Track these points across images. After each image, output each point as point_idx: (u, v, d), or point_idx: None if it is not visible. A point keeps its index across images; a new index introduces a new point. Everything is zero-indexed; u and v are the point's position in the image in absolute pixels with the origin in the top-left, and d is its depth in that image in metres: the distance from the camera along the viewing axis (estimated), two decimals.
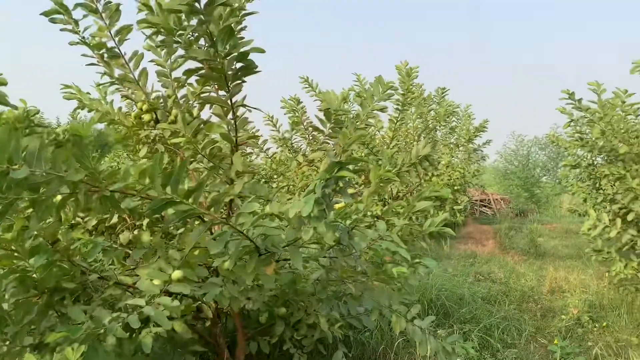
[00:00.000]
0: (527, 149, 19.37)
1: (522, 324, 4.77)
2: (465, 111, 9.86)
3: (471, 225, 14.97)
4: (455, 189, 9.05)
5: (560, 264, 8.19)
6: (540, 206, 18.39)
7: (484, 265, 7.74)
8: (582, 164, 5.84)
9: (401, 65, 5.45)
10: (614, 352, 4.05)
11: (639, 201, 4.80)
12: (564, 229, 13.07)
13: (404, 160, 4.02)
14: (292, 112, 6.01)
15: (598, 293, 5.64)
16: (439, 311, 4.65)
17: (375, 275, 2.51)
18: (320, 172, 1.97)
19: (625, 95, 5.06)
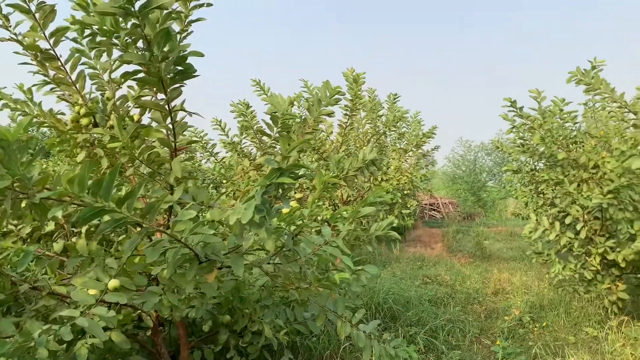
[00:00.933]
0: (474, 154, 19.95)
1: (466, 325, 4.88)
2: (414, 117, 10.06)
3: (421, 228, 15.26)
4: (405, 193, 9.20)
5: (505, 266, 8.45)
6: (486, 210, 18.98)
7: (432, 268, 7.90)
8: (524, 169, 6.05)
9: (348, 71, 5.49)
10: (552, 352, 4.20)
11: (576, 205, 5.02)
12: (508, 232, 13.51)
13: (351, 164, 4.05)
14: (242, 116, 5.94)
15: (539, 294, 5.84)
16: (386, 314, 4.70)
17: (317, 282, 2.50)
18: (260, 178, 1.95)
19: (562, 104, 5.29)
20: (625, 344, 4.15)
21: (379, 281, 5.43)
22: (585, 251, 5.11)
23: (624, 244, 4.84)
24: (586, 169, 5.29)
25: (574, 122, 5.47)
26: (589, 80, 4.82)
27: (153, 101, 2.08)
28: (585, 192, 5.00)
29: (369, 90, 8.50)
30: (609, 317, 4.91)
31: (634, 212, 4.68)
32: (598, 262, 5.01)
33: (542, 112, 5.29)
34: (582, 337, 4.65)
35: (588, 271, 5.04)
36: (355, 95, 5.53)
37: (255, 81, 5.88)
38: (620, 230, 4.75)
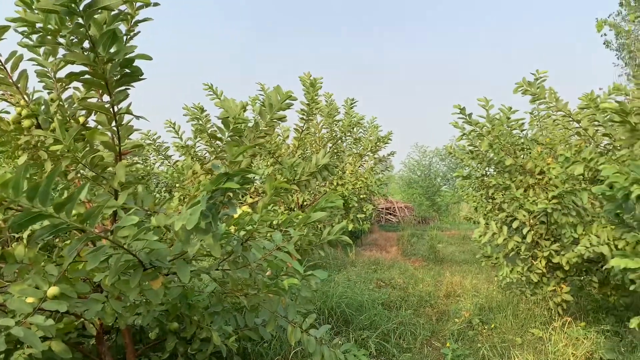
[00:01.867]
0: (429, 159, 20.35)
1: (418, 328, 4.96)
2: (371, 123, 10.19)
3: (377, 232, 15.43)
4: (361, 197, 9.30)
5: (457, 269, 8.64)
6: (440, 214, 19.38)
7: (387, 271, 7.99)
8: (473, 175, 6.21)
9: (305, 76, 5.52)
10: (499, 353, 4.32)
11: (523, 210, 5.19)
12: (461, 236, 13.82)
13: (304, 169, 4.06)
14: (196, 119, 5.87)
15: (488, 296, 6.00)
16: (339, 319, 4.72)
17: (266, 288, 2.49)
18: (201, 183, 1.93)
19: (509, 112, 5.46)
20: (568, 344, 4.31)
21: (333, 285, 5.45)
22: (531, 254, 5.28)
23: (568, 247, 5.03)
24: (532, 174, 5.48)
25: (521, 130, 5.66)
26: (534, 90, 5.01)
27: (97, 103, 2.03)
28: (531, 197, 5.17)
29: (326, 95, 8.55)
30: (554, 318, 5.09)
31: (577, 217, 4.87)
32: (544, 265, 5.19)
33: (491, 120, 5.45)
34: (528, 338, 4.79)
35: (534, 274, 5.21)
36: (312, 99, 5.56)
37: (208, 85, 5.82)
38: (564, 234, 4.93)
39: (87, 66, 1.93)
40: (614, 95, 5.32)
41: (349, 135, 8.17)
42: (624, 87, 5.22)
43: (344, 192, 7.96)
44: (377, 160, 10.36)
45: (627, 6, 17.71)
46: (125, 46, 1.91)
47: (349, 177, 8.30)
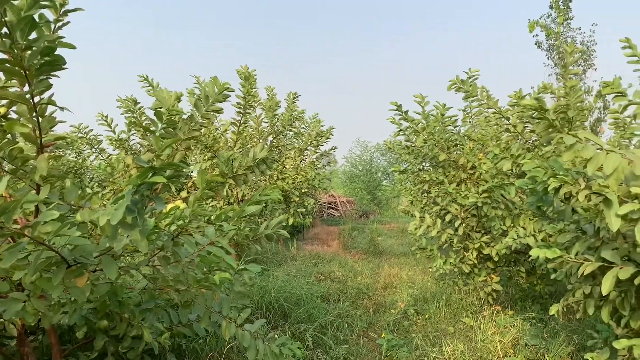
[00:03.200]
0: (370, 154, 20.69)
1: (355, 320, 5.05)
2: (313, 118, 10.23)
3: (319, 226, 15.54)
4: (303, 191, 9.33)
5: (395, 262, 8.85)
6: (381, 208, 19.76)
7: (327, 265, 8.07)
8: (409, 170, 6.37)
9: (241, 69, 5.47)
10: (431, 342, 4.47)
11: (455, 203, 5.37)
12: (400, 229, 14.14)
13: (241, 163, 4.03)
14: (130, 112, 5.70)
15: (423, 287, 6.19)
16: (277, 313, 4.74)
17: (197, 283, 2.46)
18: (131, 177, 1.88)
19: (444, 109, 5.63)
20: (496, 331, 4.51)
21: (272, 280, 5.46)
22: (463, 246, 5.49)
23: (497, 239, 5.26)
24: (465, 169, 5.69)
25: (454, 126, 5.85)
26: (467, 88, 5.19)
27: (15, 93, 1.93)
28: (463, 192, 5.36)
29: (268, 89, 8.51)
30: (484, 307, 5.31)
31: (506, 210, 5.10)
32: (475, 256, 5.40)
33: (426, 116, 5.61)
34: (460, 327, 4.98)
35: (466, 265, 5.42)
36: (248, 92, 5.51)
37: (143, 77, 5.66)
38: (493, 227, 5.15)
39: (5, 53, 1.84)
40: (542, 94, 5.60)
41: (290, 129, 8.17)
42: (550, 85, 5.50)
43: (284, 186, 7.96)
44: (319, 155, 10.44)
45: (557, 9, 18.59)
46: (46, 34, 1.84)
47: (289, 172, 8.30)
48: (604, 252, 2.33)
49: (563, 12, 18.45)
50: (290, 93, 8.85)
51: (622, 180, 2.24)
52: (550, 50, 18.71)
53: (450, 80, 5.15)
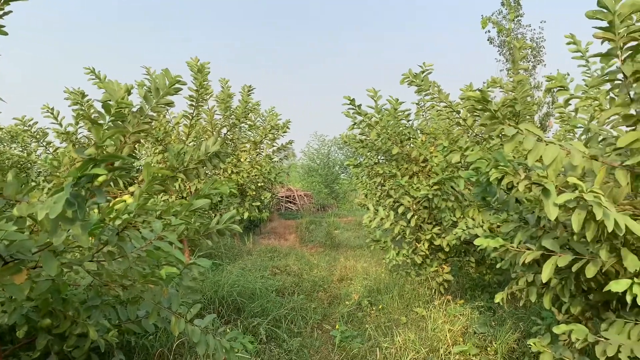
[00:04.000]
0: (328, 148, 20.76)
1: (309, 312, 5.07)
2: (270, 111, 10.17)
3: (276, 220, 15.49)
4: (259, 185, 9.27)
5: (351, 254, 8.93)
6: (338, 201, 19.88)
7: (283, 259, 8.05)
8: (364, 163, 6.42)
9: (192, 61, 5.36)
10: (383, 332, 4.53)
11: (407, 196, 5.45)
12: (357, 222, 14.26)
13: (192, 156, 3.96)
14: (77, 104, 5.51)
15: (377, 279, 6.26)
16: (230, 307, 4.69)
17: (143, 279, 2.41)
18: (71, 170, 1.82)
19: (397, 103, 5.70)
20: (446, 320, 4.61)
21: (226, 275, 5.40)
22: (415, 238, 5.58)
23: (448, 230, 5.37)
24: (417, 162, 5.78)
25: (407, 120, 5.93)
26: (419, 82, 5.25)
27: None
28: (415, 184, 5.45)
29: (222, 81, 8.39)
30: (435, 297, 5.42)
31: (456, 202, 5.21)
32: (426, 247, 5.50)
33: (379, 110, 5.66)
34: (412, 317, 5.06)
35: (418, 256, 5.52)
36: (200, 85, 5.42)
37: (90, 69, 5.47)
38: (444, 218, 5.26)
39: None
40: (492, 88, 5.74)
41: (244, 121, 8.09)
42: (499, 80, 5.64)
43: (238, 180, 7.88)
44: (277, 148, 10.39)
45: (508, 6, 19.06)
46: None
47: (244, 165, 8.22)
48: (545, 241, 2.41)
49: (514, 9, 18.95)
50: (245, 86, 8.75)
51: (561, 170, 2.32)
52: (501, 46, 19.19)
53: (403, 74, 5.21)
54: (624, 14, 1.93)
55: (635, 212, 2.15)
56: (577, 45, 3.59)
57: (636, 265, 2.05)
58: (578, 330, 2.29)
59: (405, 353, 3.94)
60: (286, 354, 4.07)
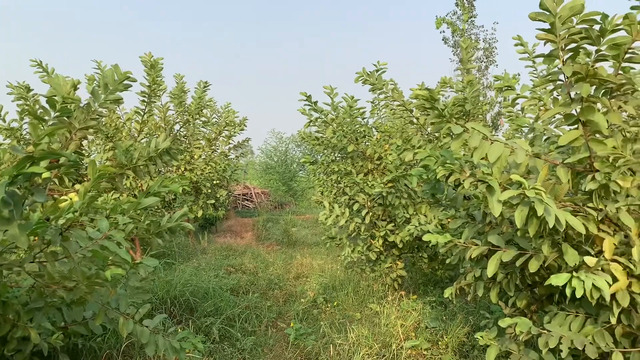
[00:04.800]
0: (286, 145, 20.71)
1: (264, 311, 5.04)
2: (225, 108, 10.05)
3: (233, 218, 15.33)
4: (215, 183, 9.15)
5: (308, 252, 8.93)
6: (296, 198, 19.87)
7: (238, 257, 7.98)
8: (320, 161, 6.43)
9: (145, 56, 5.24)
10: (337, 329, 4.55)
11: (362, 193, 5.50)
12: (314, 219, 14.28)
13: (141, 153, 3.86)
14: (22, 99, 5.29)
15: (332, 276, 6.28)
16: (183, 307, 4.61)
17: (87, 280, 2.33)
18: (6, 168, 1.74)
19: (352, 101, 5.73)
20: (399, 315, 4.68)
21: (178, 274, 5.30)
22: (370, 235, 5.63)
23: (401, 227, 5.45)
24: (372, 160, 5.83)
25: (363, 118, 5.97)
26: (373, 81, 5.29)
27: None
28: (370, 182, 5.50)
29: (177, 77, 8.24)
30: (389, 293, 5.49)
31: (409, 199, 5.29)
32: (381, 244, 5.57)
33: (335, 107, 5.67)
34: (367, 313, 5.11)
35: (373, 253, 5.58)
36: (154, 81, 5.30)
37: (36, 62, 5.26)
38: (398, 215, 5.33)
39: None
40: (443, 88, 5.85)
41: (198, 118, 7.97)
42: (450, 79, 5.75)
43: (192, 177, 7.76)
44: (233, 145, 10.28)
45: (462, 7, 19.46)
46: None
47: (198, 162, 8.10)
48: (491, 237, 2.48)
49: (468, 10, 19.36)
50: (201, 82, 8.63)
51: (506, 168, 2.38)
52: (455, 46, 19.57)
53: (357, 73, 5.23)
54: (564, 16, 2.00)
55: (575, 208, 2.23)
56: (524, 47, 3.69)
57: (576, 259, 2.13)
58: (522, 323, 2.36)
59: (358, 349, 3.97)
60: (239, 353, 4.04)
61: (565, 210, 2.10)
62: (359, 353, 3.88)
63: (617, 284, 2.08)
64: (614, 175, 2.06)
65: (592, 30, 2.00)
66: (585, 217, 2.14)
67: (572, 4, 1.97)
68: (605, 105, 2.10)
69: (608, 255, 2.10)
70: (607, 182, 2.07)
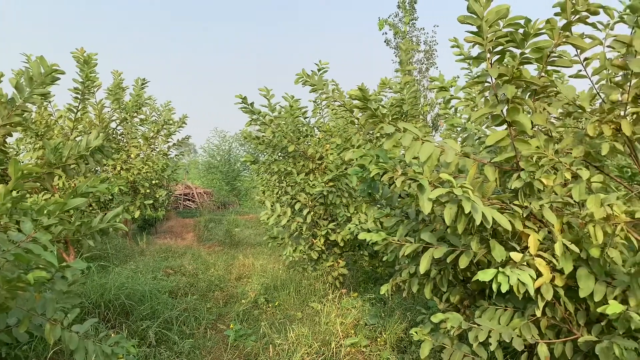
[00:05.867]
0: (229, 144, 20.43)
1: (203, 313, 4.94)
2: (165, 106, 9.79)
3: (174, 219, 14.98)
4: (154, 183, 8.91)
5: (251, 252, 8.85)
6: (240, 198, 19.66)
7: (178, 259, 7.81)
8: (261, 160, 6.39)
9: (78, 52, 5.03)
10: (277, 329, 4.53)
11: (304, 193, 5.50)
12: (258, 219, 14.11)
13: (71, 152, 3.71)
14: None
15: (274, 276, 6.25)
16: (118, 311, 4.46)
17: (7, 284, 2.20)
18: None
19: (293, 101, 5.72)
20: (339, 314, 4.71)
21: (113, 277, 5.12)
22: (312, 234, 5.66)
23: (342, 226, 5.50)
24: (313, 160, 5.85)
25: (304, 117, 5.97)
26: (313, 81, 5.30)
27: None
28: (312, 181, 5.52)
29: (115, 73, 7.97)
30: (331, 291, 5.52)
31: (350, 198, 5.35)
32: (322, 243, 5.60)
33: (273, 108, 5.65)
34: (308, 312, 5.11)
35: (314, 252, 5.60)
36: (87, 77, 5.09)
37: None
38: (339, 214, 5.38)
39: None
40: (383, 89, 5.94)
41: (136, 116, 7.74)
42: (388, 80, 5.84)
43: (128, 177, 7.52)
44: (172, 144, 10.04)
45: (403, 9, 19.84)
46: None
47: (135, 161, 7.85)
48: (423, 234, 2.53)
49: (409, 12, 19.75)
50: (139, 79, 8.39)
51: (437, 167, 2.44)
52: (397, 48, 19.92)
53: (297, 74, 5.23)
54: (491, 19, 2.07)
55: (503, 205, 2.31)
56: (460, 49, 3.80)
57: (503, 255, 2.21)
58: (453, 318, 2.43)
59: (297, 348, 3.96)
60: (177, 356, 3.94)
61: (493, 207, 2.18)
62: (299, 352, 3.88)
63: (542, 278, 2.18)
64: (538, 173, 2.15)
65: (517, 34, 2.08)
66: (512, 214, 2.22)
67: (498, 8, 2.04)
68: (530, 106, 2.19)
69: (533, 250, 2.19)
70: (532, 181, 2.16)
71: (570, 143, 2.37)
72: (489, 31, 2.10)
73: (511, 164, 2.35)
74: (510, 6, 2.06)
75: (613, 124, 2.24)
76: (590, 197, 2.01)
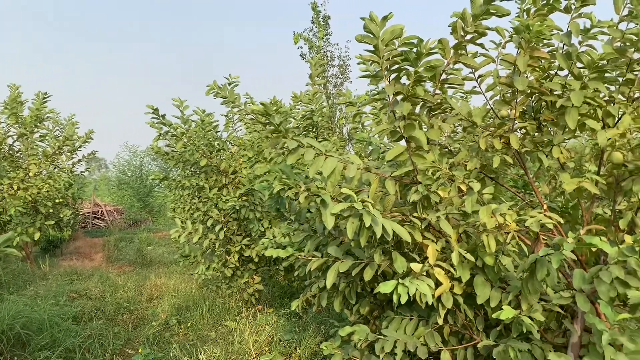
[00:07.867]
0: (140, 159, 19.68)
1: (109, 339, 4.68)
2: (69, 119, 9.25)
3: (82, 239, 14.14)
4: (57, 202, 8.37)
5: (164, 271, 8.53)
6: (153, 215, 18.95)
7: (84, 282, 7.36)
8: (170, 177, 6.20)
9: None
10: (188, 351, 4.38)
11: (216, 208, 5.39)
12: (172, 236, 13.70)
13: None
14: None
15: (187, 295, 6.06)
16: (12, 342, 4.11)
17: None
18: None
19: (204, 114, 5.61)
20: (253, 331, 4.64)
21: (7, 305, 4.72)
22: (225, 250, 5.54)
23: (256, 241, 5.43)
24: (226, 174, 5.75)
25: (216, 131, 5.87)
26: (225, 94, 5.23)
27: None
28: (224, 196, 5.42)
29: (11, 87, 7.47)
30: (246, 308, 5.44)
31: (264, 212, 5.30)
32: (237, 259, 5.50)
33: (185, 120, 5.52)
34: (222, 331, 5.00)
35: (228, 269, 5.49)
36: None
37: None
38: (252, 229, 5.31)
39: None
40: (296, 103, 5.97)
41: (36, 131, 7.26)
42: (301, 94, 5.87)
43: (27, 196, 7.01)
44: (77, 160, 9.50)
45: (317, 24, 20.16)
46: None
47: (34, 180, 7.34)
48: (330, 248, 2.56)
49: (323, 27, 20.10)
50: (40, 92, 7.90)
51: (341, 181, 2.48)
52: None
53: (208, 86, 5.14)
54: (386, 39, 2.14)
55: (403, 218, 2.38)
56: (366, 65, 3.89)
57: (404, 266, 2.28)
58: (360, 330, 2.46)
59: None
60: None
61: (394, 220, 2.24)
62: None
63: (441, 287, 2.26)
64: (434, 186, 2.24)
65: (411, 53, 2.16)
66: (412, 226, 2.30)
67: (393, 28, 2.11)
68: (425, 122, 2.28)
69: (432, 260, 2.27)
70: (429, 193, 2.25)
71: (465, 156, 2.49)
72: (385, 50, 2.17)
73: (410, 177, 2.43)
74: (404, 26, 2.14)
75: (503, 138, 2.38)
76: (482, 208, 2.12)
